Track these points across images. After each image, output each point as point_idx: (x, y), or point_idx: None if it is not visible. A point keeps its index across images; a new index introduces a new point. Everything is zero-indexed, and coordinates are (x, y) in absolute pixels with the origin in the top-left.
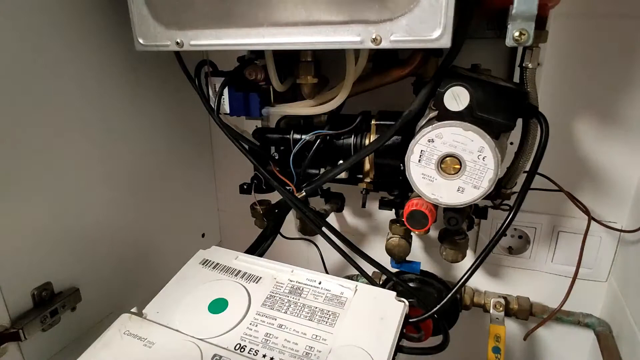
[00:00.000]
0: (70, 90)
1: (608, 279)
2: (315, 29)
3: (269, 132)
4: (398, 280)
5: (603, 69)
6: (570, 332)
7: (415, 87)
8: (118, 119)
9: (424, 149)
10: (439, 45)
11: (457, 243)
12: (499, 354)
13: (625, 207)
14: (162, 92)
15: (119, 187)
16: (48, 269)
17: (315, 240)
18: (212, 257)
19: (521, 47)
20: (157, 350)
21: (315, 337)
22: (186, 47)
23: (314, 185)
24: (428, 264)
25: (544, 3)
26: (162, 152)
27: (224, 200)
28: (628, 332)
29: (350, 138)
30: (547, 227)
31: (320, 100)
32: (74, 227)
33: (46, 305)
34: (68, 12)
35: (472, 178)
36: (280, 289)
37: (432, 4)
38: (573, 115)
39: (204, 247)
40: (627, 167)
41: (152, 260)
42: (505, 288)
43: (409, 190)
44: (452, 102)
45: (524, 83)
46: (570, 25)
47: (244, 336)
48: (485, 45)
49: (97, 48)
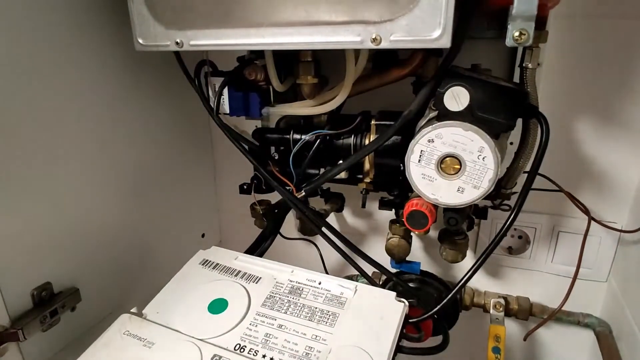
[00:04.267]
0: (70, 91)
1: (608, 279)
2: (315, 29)
3: (269, 132)
4: (398, 280)
5: (603, 68)
6: (570, 332)
7: (415, 87)
8: (117, 119)
9: (424, 149)
10: (438, 45)
11: (457, 243)
12: (498, 354)
13: (625, 207)
14: (162, 92)
15: (119, 187)
16: (48, 269)
17: (315, 240)
18: (212, 257)
19: (521, 47)
20: (157, 351)
21: (315, 338)
22: (186, 47)
23: (313, 185)
24: (428, 264)
25: (544, 3)
26: (162, 153)
27: (224, 200)
28: (628, 332)
29: (350, 138)
30: (547, 227)
31: (320, 100)
32: (74, 227)
33: (46, 306)
34: (67, 12)
35: (472, 178)
36: (280, 289)
37: (432, 4)
38: (573, 115)
39: (204, 247)
40: (627, 167)
41: (152, 260)
42: (505, 288)
43: (409, 191)
44: (452, 102)
45: (524, 83)
46: (570, 25)
47: (243, 336)
48: (485, 45)
49: (96, 48)
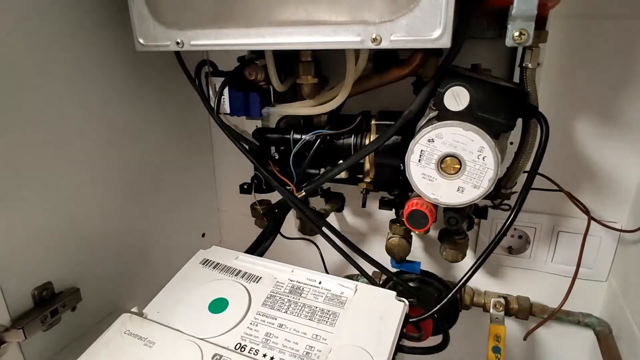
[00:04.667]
0: (70, 91)
1: (608, 279)
2: (316, 28)
3: (269, 132)
4: (398, 280)
5: (603, 68)
6: (570, 332)
7: (415, 87)
8: (118, 119)
9: (424, 149)
10: (439, 45)
11: (457, 243)
12: (498, 353)
13: (625, 207)
14: (162, 92)
15: (119, 186)
16: (48, 269)
17: (315, 240)
18: (213, 257)
19: (521, 47)
20: (158, 350)
21: (316, 337)
22: (186, 47)
23: (313, 185)
24: (428, 264)
25: (544, 3)
26: (163, 152)
27: (224, 200)
28: (628, 332)
29: (350, 138)
30: (547, 227)
31: (320, 100)
32: (75, 227)
33: (46, 305)
34: (67, 13)
35: (472, 178)
36: (281, 288)
37: (432, 3)
38: (573, 115)
39: (204, 247)
40: (627, 167)
41: (153, 260)
42: (505, 288)
43: (409, 190)
44: (452, 102)
45: (524, 83)
46: (570, 25)
47: (244, 336)
48: (485, 45)
49: (97, 48)
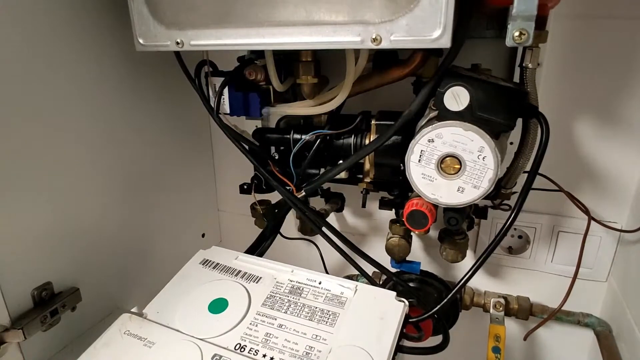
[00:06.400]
0: (70, 91)
1: (608, 279)
2: (316, 29)
3: (269, 132)
4: (398, 280)
5: (603, 68)
6: (570, 332)
7: (415, 87)
8: (118, 119)
9: (424, 149)
10: (439, 45)
11: (457, 243)
12: (498, 354)
13: (625, 207)
14: (162, 92)
15: (119, 187)
16: (48, 269)
17: (315, 240)
18: (212, 257)
19: (521, 47)
20: (157, 350)
21: (316, 337)
22: (186, 47)
23: (313, 185)
24: (428, 264)
25: (544, 3)
26: (162, 152)
27: (224, 200)
28: (628, 332)
29: (350, 138)
30: (547, 227)
31: (320, 100)
32: (74, 227)
33: (46, 305)
34: (67, 12)
35: (472, 178)
36: (280, 289)
37: (432, 3)
38: (573, 115)
39: (204, 247)
40: (627, 167)
41: (152, 260)
42: (505, 288)
43: (409, 190)
44: (452, 102)
45: (524, 83)
46: (570, 25)
47: (244, 336)
48: (485, 45)
49: (96, 48)
